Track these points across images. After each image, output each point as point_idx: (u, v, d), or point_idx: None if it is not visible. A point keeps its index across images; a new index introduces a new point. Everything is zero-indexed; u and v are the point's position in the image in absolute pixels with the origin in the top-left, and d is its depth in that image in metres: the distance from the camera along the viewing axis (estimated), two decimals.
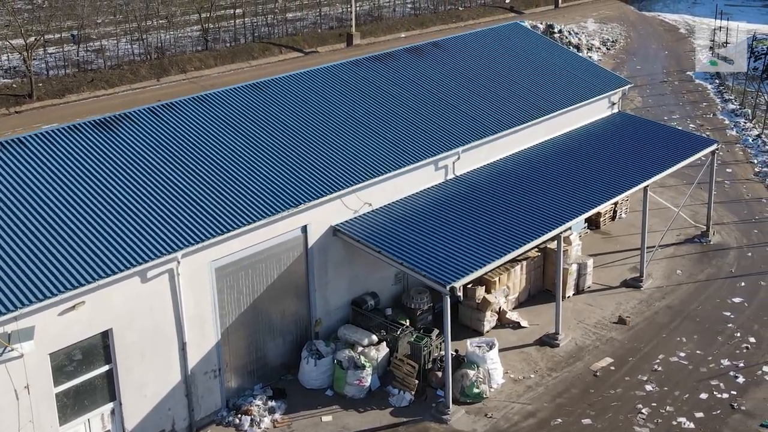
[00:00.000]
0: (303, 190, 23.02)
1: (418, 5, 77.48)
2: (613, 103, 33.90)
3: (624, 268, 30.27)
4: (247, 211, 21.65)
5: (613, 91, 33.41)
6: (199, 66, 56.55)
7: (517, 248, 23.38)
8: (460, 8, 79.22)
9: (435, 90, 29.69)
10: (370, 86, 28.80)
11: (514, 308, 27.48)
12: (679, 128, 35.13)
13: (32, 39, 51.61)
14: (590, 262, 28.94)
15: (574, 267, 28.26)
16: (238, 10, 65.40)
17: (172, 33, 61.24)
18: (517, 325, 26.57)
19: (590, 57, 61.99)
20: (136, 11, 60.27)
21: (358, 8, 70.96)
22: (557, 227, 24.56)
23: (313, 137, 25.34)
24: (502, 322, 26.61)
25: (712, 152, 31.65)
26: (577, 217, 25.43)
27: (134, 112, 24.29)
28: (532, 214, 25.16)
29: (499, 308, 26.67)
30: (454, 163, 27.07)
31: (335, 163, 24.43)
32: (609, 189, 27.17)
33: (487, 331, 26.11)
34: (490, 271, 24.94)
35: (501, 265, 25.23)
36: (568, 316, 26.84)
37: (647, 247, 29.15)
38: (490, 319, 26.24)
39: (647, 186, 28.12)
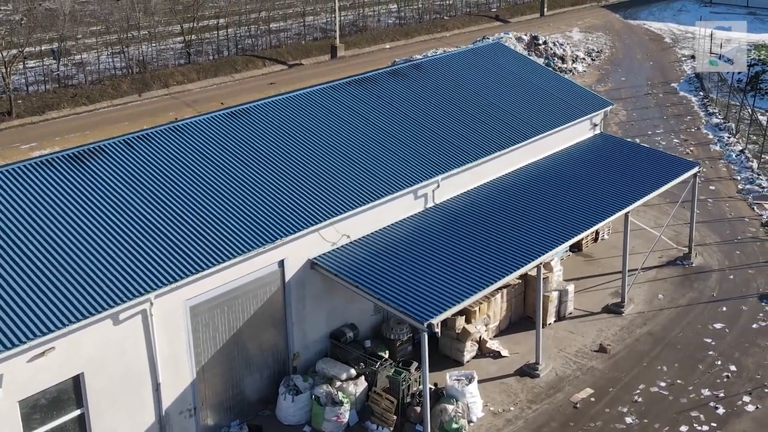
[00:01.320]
0: (280, 223, 22.78)
1: (402, 14, 77.23)
2: (595, 125, 33.78)
3: (606, 292, 30.15)
4: (222, 248, 21.39)
5: (595, 113, 33.28)
6: (181, 80, 56.15)
7: (497, 281, 23.20)
8: (445, 17, 78.99)
9: (415, 115, 29.48)
10: (349, 112, 28.56)
11: (494, 336, 27.32)
12: (661, 151, 34.96)
13: (13, 52, 51.11)
14: (571, 288, 28.79)
15: (555, 294, 28.11)
16: (221, 20, 64.95)
17: (154, 45, 60.80)
18: (497, 355, 26.40)
19: (575, 68, 62.00)
20: (117, 21, 59.67)
21: (342, 18, 70.70)
22: (538, 257, 24.40)
23: (290, 167, 25.08)
24: (483, 352, 26.43)
25: (694, 175, 31.58)
26: (558, 247, 25.27)
27: (108, 144, 23.98)
28: (513, 244, 24.99)
29: (480, 337, 26.50)
30: (433, 191, 26.87)
31: (313, 194, 24.19)
32: (590, 216, 27.03)
33: (468, 361, 25.94)
34: None
35: None
36: (548, 344, 26.70)
37: (629, 271, 29.09)
38: (470, 349, 26.06)
39: (628, 212, 28.01)
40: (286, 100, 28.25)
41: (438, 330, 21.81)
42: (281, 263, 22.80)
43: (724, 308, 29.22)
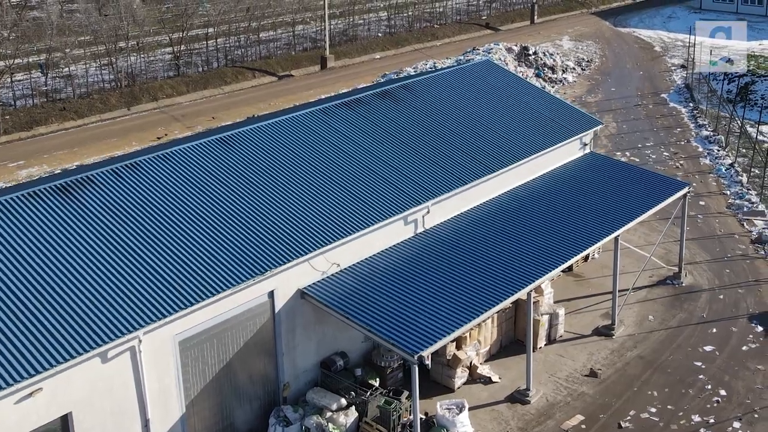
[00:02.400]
0: (269, 254, 22.69)
1: (393, 23, 77.15)
2: (585, 144, 33.81)
3: (596, 314, 30.17)
4: (212, 282, 21.28)
5: (585, 132, 33.30)
6: (170, 93, 55.93)
7: (488, 310, 23.15)
8: (436, 26, 78.95)
9: (404, 138, 29.43)
10: (338, 137, 28.49)
11: (485, 361, 27.29)
12: (651, 171, 34.97)
13: (0, 65, 50.85)
14: (562, 311, 28.79)
15: (546, 318, 28.12)
16: (210, 30, 64.67)
17: (143, 56, 60.54)
18: (488, 380, 26.38)
19: (565, 78, 62.06)
20: (105, 31, 59.24)
21: (332, 26, 70.55)
22: (529, 285, 24.39)
23: (279, 195, 24.99)
24: (473, 377, 26.41)
25: (684, 195, 31.62)
26: (548, 273, 25.23)
27: (96, 174, 23.84)
28: (504, 270, 24.96)
29: (470, 363, 26.47)
30: (423, 216, 26.84)
31: (303, 223, 24.11)
32: (580, 241, 27.02)
33: (458, 388, 25.91)
34: None
35: None
36: (539, 369, 26.70)
37: (619, 291, 29.11)
38: (461, 375, 26.03)
39: (618, 235, 28.04)
40: (275, 125, 28.15)
41: (428, 362, 21.76)
42: (271, 294, 22.72)
43: (714, 330, 29.27)
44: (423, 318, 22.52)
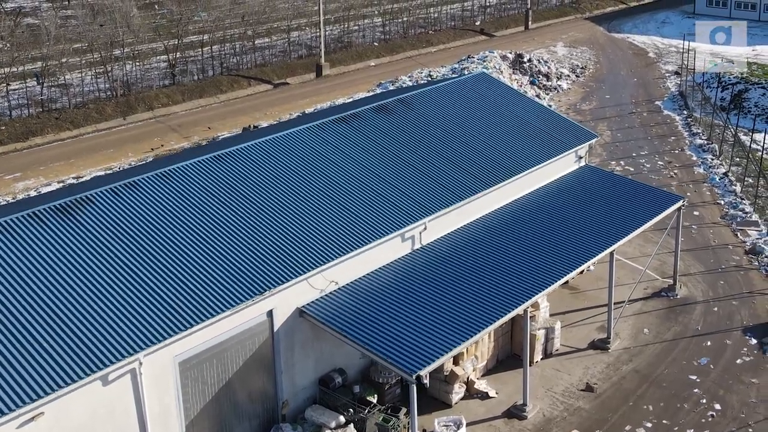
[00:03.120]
0: (268, 273, 22.85)
1: (387, 29, 77.32)
2: (580, 157, 34.04)
3: (592, 327, 30.39)
4: (211, 302, 21.44)
5: (580, 146, 33.53)
6: (166, 102, 56.02)
7: (486, 327, 23.36)
8: (431, 32, 79.16)
9: (401, 153, 29.61)
10: (335, 153, 28.65)
11: (482, 376, 27.48)
12: (645, 184, 35.22)
13: None
14: (558, 325, 29.01)
15: (542, 332, 28.33)
16: (205, 36, 64.75)
17: (138, 64, 60.60)
18: (485, 395, 26.56)
19: (560, 86, 62.31)
20: (101, 38, 59.26)
21: (327, 33, 70.66)
22: (526, 302, 24.59)
23: (277, 213, 25.16)
24: (471, 392, 26.59)
25: (679, 208, 31.86)
26: (544, 290, 25.44)
27: (95, 194, 23.97)
28: (501, 286, 25.17)
29: (468, 378, 26.66)
30: (421, 233, 27.02)
31: (301, 241, 24.28)
32: (576, 256, 27.24)
33: (456, 403, 26.09)
34: None
35: None
36: (535, 383, 26.91)
37: (615, 304, 29.32)
38: (458, 391, 26.22)
39: (614, 250, 28.26)
40: (272, 142, 28.30)
41: (426, 381, 21.94)
42: (270, 313, 22.89)
43: (709, 343, 29.52)
44: (421, 336, 22.70)
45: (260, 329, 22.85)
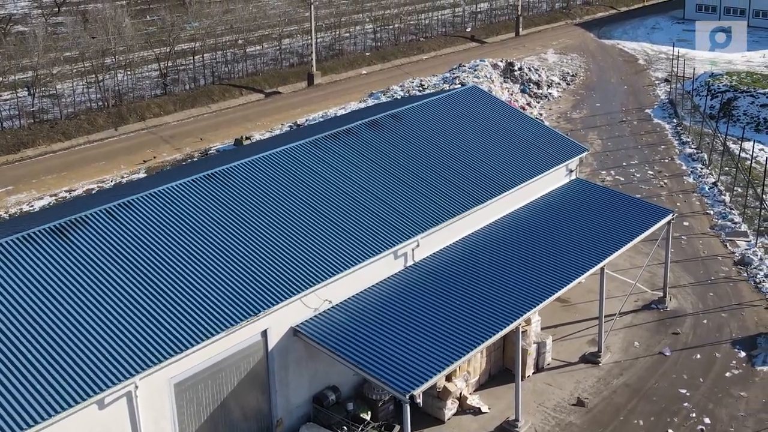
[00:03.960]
0: (263, 294, 23.04)
1: (379, 36, 77.57)
2: (571, 171, 34.34)
3: (583, 340, 30.67)
4: (206, 324, 21.61)
5: (570, 160, 33.82)
6: (158, 112, 56.12)
7: (478, 345, 23.60)
8: (421, 39, 79.46)
9: (394, 170, 29.83)
10: (328, 170, 28.85)
11: (475, 391, 27.72)
12: (635, 197, 35.55)
13: None
14: (549, 340, 29.28)
15: (534, 347, 28.59)
16: (196, 44, 64.82)
17: (129, 73, 60.65)
18: (477, 411, 26.79)
19: (550, 94, 62.67)
20: (92, 47, 59.28)
21: (318, 40, 70.84)
22: (517, 319, 24.84)
23: (271, 232, 25.33)
24: (463, 408, 26.82)
25: (668, 222, 32.19)
26: (536, 306, 25.70)
27: (90, 215, 24.09)
28: (494, 303, 25.42)
29: (460, 394, 26.89)
30: (413, 250, 27.25)
31: (295, 261, 24.47)
32: (567, 272, 27.49)
33: (448, 419, 26.32)
34: None
35: None
36: (527, 398, 27.15)
37: (605, 316, 29.58)
38: (451, 407, 26.44)
39: (604, 266, 28.55)
40: (265, 160, 28.47)
41: (420, 400, 22.16)
42: (264, 333, 23.08)
43: (698, 356, 29.83)
44: (414, 355, 22.92)
45: (255, 349, 23.04)
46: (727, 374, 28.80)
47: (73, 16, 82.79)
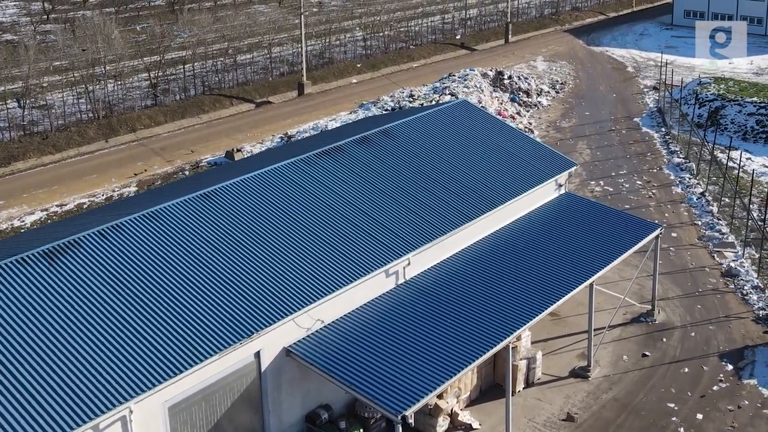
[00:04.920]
0: (255, 315, 23.24)
1: (369, 44, 77.81)
2: (560, 185, 34.65)
3: (572, 354, 30.97)
4: (199, 347, 21.80)
5: (559, 174, 34.13)
6: (148, 123, 56.18)
7: (469, 365, 23.87)
8: (411, 47, 79.74)
9: (384, 187, 30.07)
10: (319, 188, 29.07)
11: (466, 407, 27.99)
12: (623, 212, 35.95)
13: None
14: (539, 354, 29.58)
15: (524, 363, 28.88)
16: (186, 53, 64.83)
17: (119, 83, 60.68)
18: (469, 427, 27.06)
19: (540, 102, 63.03)
20: (82, 61, 59.32)
21: (309, 48, 70.97)
22: (507, 337, 25.12)
23: (263, 253, 25.54)
24: (455, 425, 27.08)
25: (657, 236, 32.54)
26: (526, 324, 25.99)
27: (82, 237, 24.23)
28: (483, 323, 25.68)
29: (452, 410, 27.15)
30: (404, 268, 27.50)
31: (287, 281, 24.68)
32: (557, 289, 27.78)
33: None
34: None
35: None
36: (518, 413, 27.42)
37: (595, 330, 29.89)
38: (442, 424, 26.69)
39: (593, 282, 28.88)
40: (256, 178, 28.66)
41: (411, 420, 22.40)
42: (257, 354, 23.29)
43: (686, 369, 30.17)
44: (406, 374, 23.17)
45: (248, 370, 23.24)
46: (715, 388, 29.16)
47: (62, 24, 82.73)
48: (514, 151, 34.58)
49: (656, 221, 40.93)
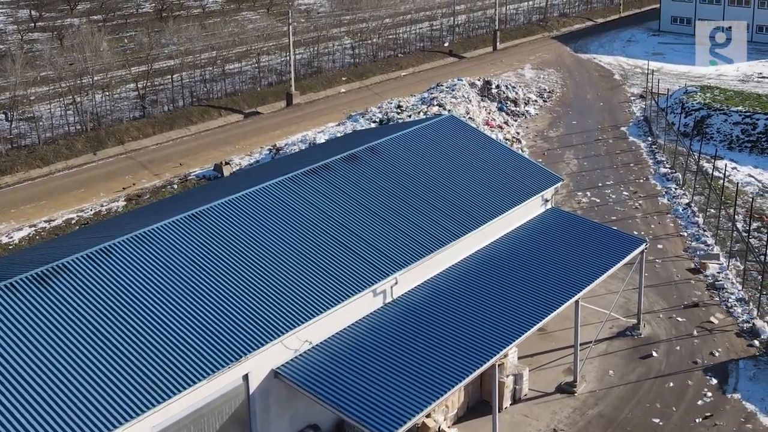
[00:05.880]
0: (243, 338, 23.39)
1: (357, 52, 78.04)
2: (546, 200, 34.93)
3: (559, 369, 31.24)
4: (188, 372, 21.91)
5: (546, 190, 34.41)
6: (136, 135, 56.21)
7: (456, 385, 24.08)
8: (399, 55, 79.99)
9: (371, 205, 30.26)
10: (307, 207, 29.23)
11: (453, 424, 28.21)
12: (609, 228, 36.29)
13: None
14: (526, 371, 29.82)
15: (510, 379, 29.13)
16: (174, 62, 64.83)
17: (107, 94, 60.67)
18: None
19: (527, 111, 63.40)
20: (70, 65, 59.22)
21: (297, 56, 71.14)
22: (494, 356, 25.35)
23: (251, 274, 25.68)
24: None
25: (642, 251, 32.85)
26: (513, 342, 26.23)
27: (71, 261, 24.31)
28: (470, 342, 25.88)
29: (439, 428, 27.37)
30: (392, 287, 27.69)
31: (275, 303, 24.83)
32: (543, 306, 28.03)
33: None
34: None
35: None
36: (505, 430, 27.71)
37: (581, 344, 30.16)
38: None
39: (578, 299, 29.15)
40: (245, 198, 28.79)
41: None
42: (245, 377, 23.42)
43: (671, 384, 30.48)
44: (393, 395, 23.35)
45: (236, 393, 23.38)
46: (699, 402, 29.48)
47: (49, 32, 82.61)
48: (501, 167, 34.84)
49: (642, 233, 41.50)
